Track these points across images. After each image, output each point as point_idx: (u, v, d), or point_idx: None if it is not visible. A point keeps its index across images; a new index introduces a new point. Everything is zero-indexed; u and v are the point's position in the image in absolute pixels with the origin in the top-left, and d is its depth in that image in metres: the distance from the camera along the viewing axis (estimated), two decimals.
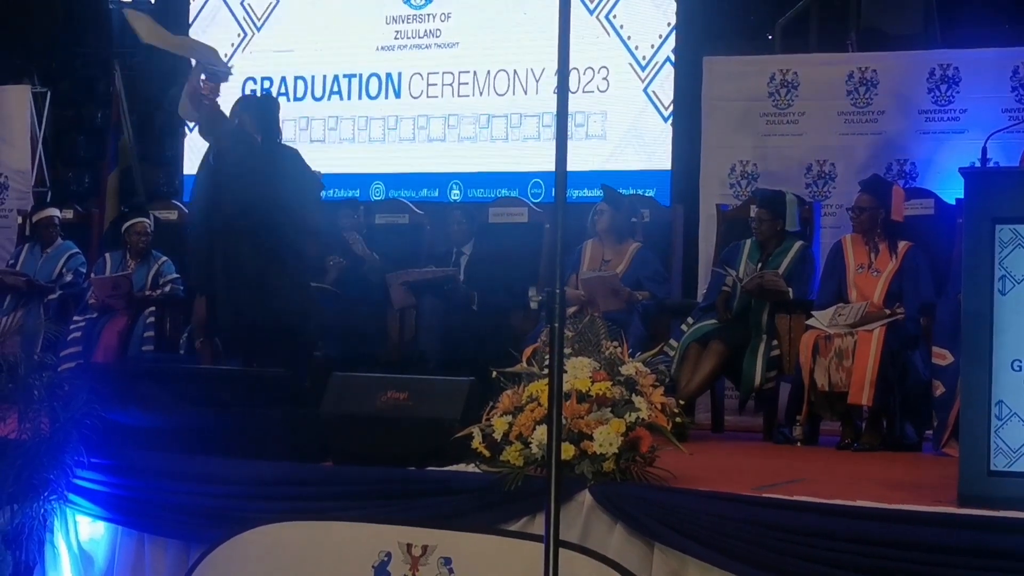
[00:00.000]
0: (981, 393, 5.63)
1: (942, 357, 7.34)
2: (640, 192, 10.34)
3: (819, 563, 5.45)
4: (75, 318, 9.81)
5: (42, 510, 6.82)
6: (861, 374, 7.63)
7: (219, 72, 8.53)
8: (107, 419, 6.92)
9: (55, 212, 10.79)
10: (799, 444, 8.00)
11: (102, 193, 12.02)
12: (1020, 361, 5.60)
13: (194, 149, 12.11)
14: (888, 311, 7.85)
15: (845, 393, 7.69)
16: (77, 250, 10.58)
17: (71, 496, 6.91)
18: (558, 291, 4.51)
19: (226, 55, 12.03)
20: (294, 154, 8.59)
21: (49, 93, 12.66)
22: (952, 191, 8.43)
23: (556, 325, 4.49)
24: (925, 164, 9.44)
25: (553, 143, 4.69)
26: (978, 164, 6.20)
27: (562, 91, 4.67)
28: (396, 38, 11.54)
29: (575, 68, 10.55)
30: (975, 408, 5.66)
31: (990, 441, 5.59)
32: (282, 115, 8.65)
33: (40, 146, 12.27)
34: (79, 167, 14.24)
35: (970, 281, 5.76)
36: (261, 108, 8.72)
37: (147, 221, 10.16)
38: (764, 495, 5.82)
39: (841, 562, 5.42)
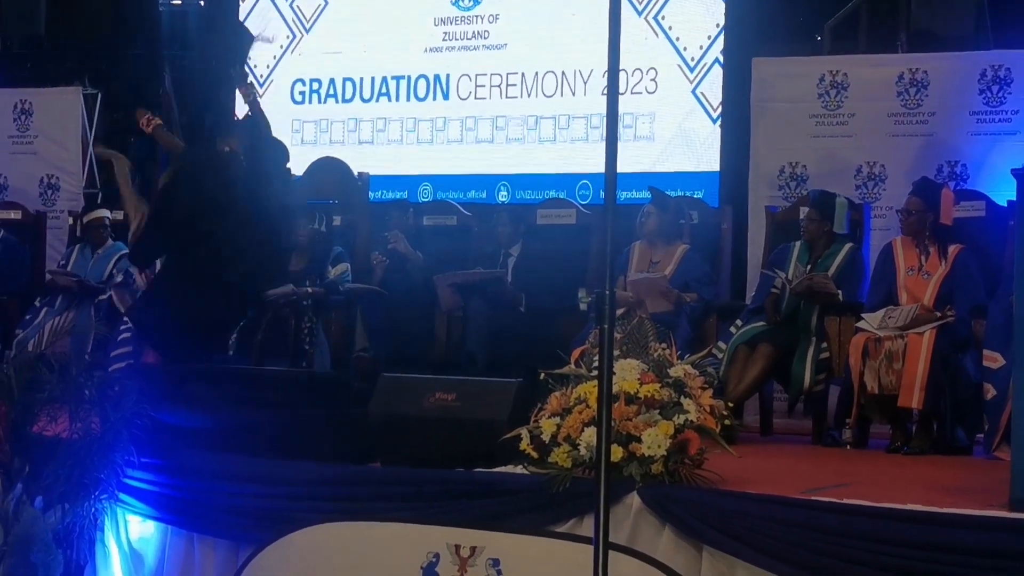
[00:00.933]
0: None
1: (993, 360, 7.29)
2: (688, 194, 10.32)
3: (869, 567, 5.42)
4: (126, 319, 9.86)
5: (93, 509, 6.85)
6: (911, 377, 7.60)
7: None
8: (157, 419, 6.95)
9: (105, 213, 10.84)
10: (849, 447, 7.97)
11: (153, 195, 12.08)
12: None
13: None
14: (939, 314, 7.81)
15: (895, 396, 7.66)
16: (127, 251, 10.63)
17: (121, 495, 6.94)
18: (608, 292, 4.50)
19: (275, 57, 12.12)
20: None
21: (100, 95, 12.73)
22: (1004, 193, 8.39)
23: (606, 327, 4.48)
24: (977, 166, 9.38)
25: (601, 145, 4.69)
26: None
27: (612, 93, 4.66)
28: (444, 39, 11.56)
29: (623, 69, 10.52)
30: None
31: None
32: (331, 116, 8.74)
33: (91, 148, 12.34)
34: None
35: (1022, 283, 5.72)
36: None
37: None
38: (814, 498, 5.80)
39: (892, 566, 5.39)
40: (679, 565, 5.72)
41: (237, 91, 8.84)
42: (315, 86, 12.01)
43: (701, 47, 10.68)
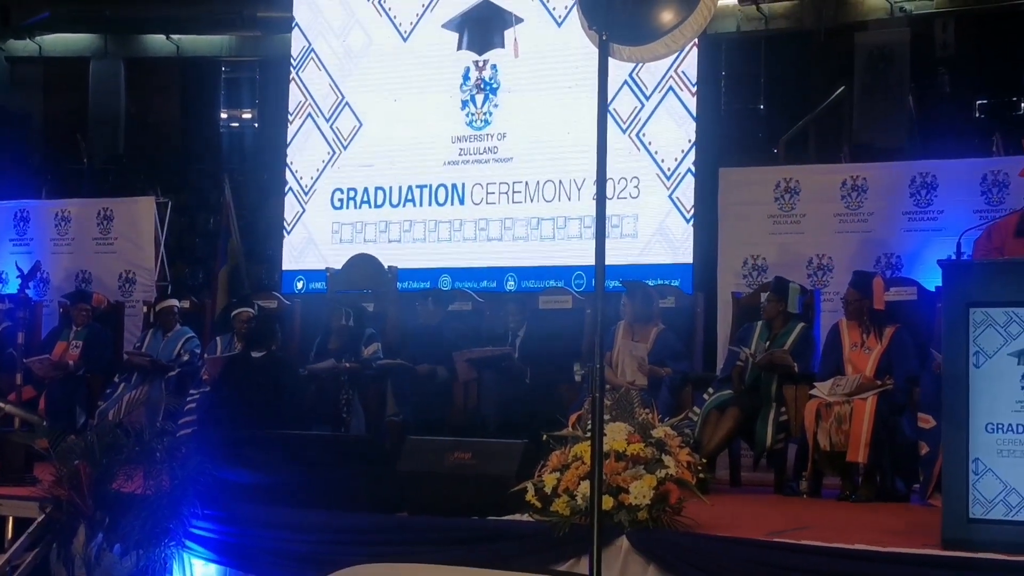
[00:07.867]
0: (960, 452, 5.59)
1: (926, 421, 7.28)
2: (666, 282, 10.31)
3: None
4: (191, 392, 9.85)
5: (163, 554, 6.82)
6: (857, 436, 7.58)
7: None
8: (218, 477, 6.94)
9: (175, 302, 10.86)
10: (805, 496, 7.94)
11: (214, 286, 12.14)
12: (993, 424, 5.57)
13: (291, 248, 12.25)
14: (879, 382, 7.80)
15: (844, 452, 7.63)
16: (193, 334, 10.64)
17: (188, 542, 6.91)
18: (598, 367, 4.51)
19: (317, 170, 12.19)
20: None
21: (170, 203, 12.81)
22: (932, 279, 8.39)
23: (597, 395, 4.49)
24: (910, 257, 9.41)
25: (592, 242, 4.71)
26: (954, 257, 6.18)
27: (600, 198, 4.69)
28: (460, 154, 11.62)
29: (611, 178, 10.59)
30: (955, 464, 5.62)
31: (968, 493, 5.55)
32: (365, 219, 8.82)
33: (162, 247, 12.41)
34: (195, 264, 14.41)
35: (949, 356, 5.73)
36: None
37: (251, 310, 10.22)
38: (776, 540, 5.78)
39: None
40: None
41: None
42: (351, 194, 12.05)
43: (676, 159, 10.71)
